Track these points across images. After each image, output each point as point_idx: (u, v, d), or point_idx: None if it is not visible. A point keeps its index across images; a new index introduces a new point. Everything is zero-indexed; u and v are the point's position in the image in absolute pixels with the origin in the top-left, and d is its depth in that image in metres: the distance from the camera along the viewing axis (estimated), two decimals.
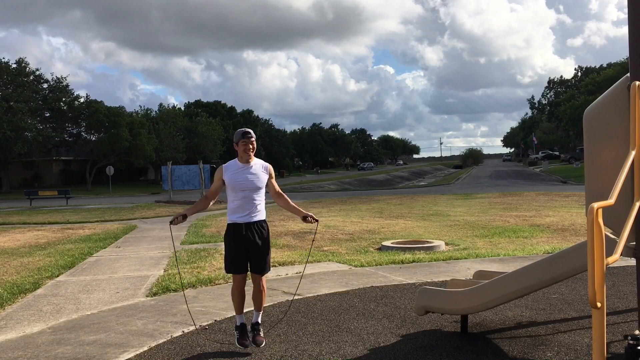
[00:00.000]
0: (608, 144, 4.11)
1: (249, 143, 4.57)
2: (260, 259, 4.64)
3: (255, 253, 4.62)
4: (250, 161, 4.65)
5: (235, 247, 4.61)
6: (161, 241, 12.45)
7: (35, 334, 5.40)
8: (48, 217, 20.33)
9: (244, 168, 4.62)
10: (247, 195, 4.59)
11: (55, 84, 50.88)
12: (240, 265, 4.63)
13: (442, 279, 7.12)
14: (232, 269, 4.67)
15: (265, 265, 4.69)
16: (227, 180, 4.62)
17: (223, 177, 4.64)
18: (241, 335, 4.70)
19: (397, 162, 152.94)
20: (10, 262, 9.90)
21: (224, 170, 4.68)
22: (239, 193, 4.59)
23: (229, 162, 4.74)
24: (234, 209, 4.63)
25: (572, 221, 13.43)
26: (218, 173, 4.69)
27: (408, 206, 20.30)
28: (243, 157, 4.62)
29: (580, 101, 58.26)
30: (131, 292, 7.21)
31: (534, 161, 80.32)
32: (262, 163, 4.74)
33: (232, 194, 4.63)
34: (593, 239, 2.68)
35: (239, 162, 4.66)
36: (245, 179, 4.59)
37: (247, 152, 4.59)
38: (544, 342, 4.65)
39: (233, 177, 4.60)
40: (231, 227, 4.65)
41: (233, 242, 4.62)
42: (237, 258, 4.62)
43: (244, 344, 4.64)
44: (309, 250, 6.89)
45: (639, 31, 4.01)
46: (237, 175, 4.60)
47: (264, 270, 4.69)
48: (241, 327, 4.74)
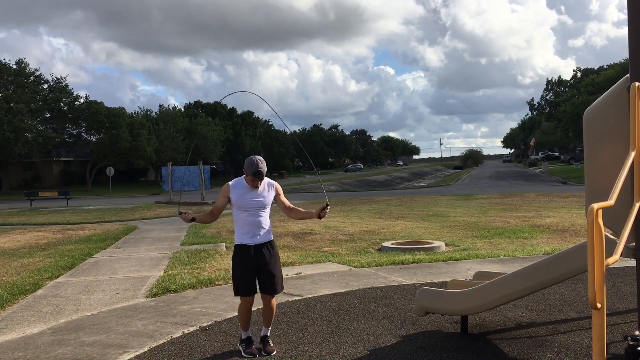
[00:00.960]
0: (608, 144, 4.11)
1: (258, 181, 4.51)
2: (271, 280, 4.56)
3: (266, 274, 4.54)
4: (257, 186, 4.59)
5: (245, 268, 4.52)
6: (161, 242, 12.45)
7: (35, 335, 5.40)
8: (48, 218, 20.33)
9: (252, 189, 4.56)
10: (254, 213, 4.53)
11: (55, 85, 50.89)
12: (250, 287, 4.55)
13: (442, 280, 7.11)
14: (241, 291, 4.57)
15: (276, 286, 4.60)
16: (233, 198, 4.55)
17: (230, 195, 4.57)
18: (248, 346, 4.65)
19: (397, 162, 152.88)
20: (10, 263, 9.90)
21: (230, 188, 4.59)
22: (245, 212, 4.53)
23: (235, 180, 4.65)
24: (242, 230, 4.56)
25: (572, 222, 13.42)
26: (224, 190, 4.60)
27: (408, 207, 20.30)
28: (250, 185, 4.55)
29: (580, 101, 58.25)
30: (131, 292, 7.21)
31: (534, 162, 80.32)
32: (268, 181, 4.65)
33: (239, 213, 4.57)
34: (593, 239, 2.68)
35: (246, 183, 4.57)
36: (252, 199, 4.53)
37: (254, 183, 4.51)
38: (544, 342, 4.65)
39: (240, 197, 4.53)
40: (239, 248, 4.57)
41: (242, 264, 4.54)
42: (246, 280, 4.53)
43: (251, 353, 4.58)
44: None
45: (639, 31, 4.01)
46: (244, 195, 4.53)
47: (275, 291, 4.61)
48: (247, 340, 4.70)
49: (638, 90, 3.80)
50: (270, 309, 4.66)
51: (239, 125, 69.50)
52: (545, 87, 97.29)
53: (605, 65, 76.74)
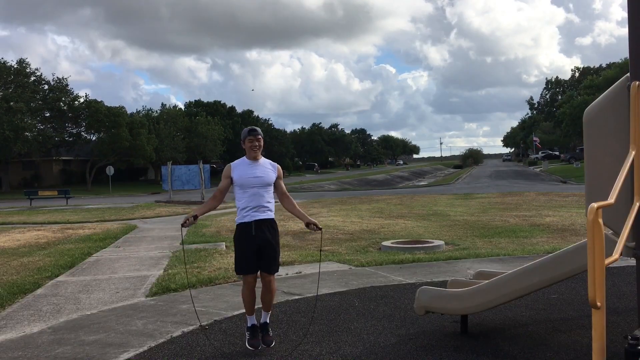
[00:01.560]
0: (608, 144, 4.11)
1: (255, 140, 4.54)
2: (271, 258, 4.57)
3: (266, 252, 4.54)
4: (258, 159, 4.62)
5: (246, 247, 4.53)
6: (161, 241, 12.44)
7: (35, 334, 5.40)
8: (48, 217, 20.32)
9: (252, 165, 4.57)
10: (255, 192, 4.52)
11: (55, 84, 50.88)
12: (251, 265, 4.55)
13: (442, 279, 7.11)
14: (243, 269, 4.58)
15: (276, 265, 4.63)
16: (235, 177, 4.55)
17: (231, 174, 4.58)
18: (252, 336, 4.65)
19: (397, 162, 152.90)
20: (10, 262, 9.90)
21: (232, 168, 4.62)
22: (247, 190, 4.52)
23: (236, 161, 4.69)
24: (243, 207, 4.55)
25: (572, 221, 13.42)
26: (226, 171, 4.63)
27: (408, 206, 20.29)
28: (250, 155, 4.59)
29: (579, 101, 58.22)
30: (131, 292, 7.21)
31: (534, 161, 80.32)
32: (270, 162, 4.70)
33: (241, 191, 4.56)
34: (593, 239, 2.67)
35: (246, 159, 4.62)
36: (254, 175, 4.53)
37: (253, 150, 4.55)
38: (544, 342, 4.65)
39: (241, 174, 4.54)
40: (240, 227, 4.57)
41: (243, 242, 4.54)
42: (247, 258, 4.53)
43: (254, 344, 4.59)
44: (320, 257, 6.84)
45: (638, 31, 4.01)
46: (246, 172, 4.54)
47: (275, 270, 4.63)
48: (252, 328, 4.69)
49: (638, 89, 3.79)
50: (270, 291, 4.65)
51: (239, 124, 69.47)
52: (545, 87, 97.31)
53: (604, 65, 76.75)
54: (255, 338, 4.64)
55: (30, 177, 53.99)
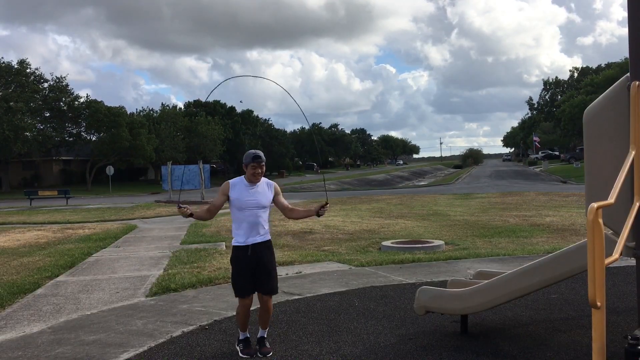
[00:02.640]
0: (608, 143, 4.11)
1: (258, 167, 4.49)
2: (268, 280, 4.55)
3: (263, 274, 4.53)
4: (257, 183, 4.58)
5: (243, 270, 4.50)
6: (161, 241, 12.44)
7: (35, 334, 5.40)
8: (48, 217, 20.32)
9: (250, 187, 4.55)
10: (252, 213, 4.51)
11: (55, 84, 50.87)
12: (249, 288, 4.54)
13: (442, 279, 7.11)
14: (240, 293, 4.55)
15: (273, 287, 4.59)
16: (233, 198, 4.54)
17: (229, 193, 4.56)
18: (245, 346, 4.62)
19: (397, 162, 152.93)
20: (10, 262, 9.90)
21: (230, 186, 4.58)
22: (244, 211, 4.51)
23: (235, 179, 4.64)
24: (240, 229, 4.54)
25: (572, 221, 13.42)
26: (224, 188, 4.59)
27: (408, 206, 20.29)
28: (251, 180, 4.55)
29: (579, 100, 58.20)
30: (131, 292, 7.21)
31: (534, 161, 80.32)
32: (266, 181, 4.65)
33: (237, 212, 4.55)
34: (593, 239, 2.67)
35: (245, 180, 4.58)
36: (252, 197, 4.51)
37: (255, 177, 4.51)
38: (544, 341, 4.65)
39: (239, 196, 4.52)
40: (237, 249, 4.56)
41: (240, 265, 4.52)
42: (244, 281, 4.51)
43: (249, 353, 4.56)
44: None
45: (639, 31, 4.01)
46: (244, 194, 4.52)
47: (272, 292, 4.59)
48: (245, 340, 4.67)
49: (638, 89, 3.79)
50: (267, 310, 4.62)
51: (239, 124, 69.43)
52: (544, 87, 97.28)
53: (603, 64, 76.71)
54: (248, 348, 4.60)
55: (30, 177, 53.98)
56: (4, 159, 46.56)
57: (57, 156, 55.39)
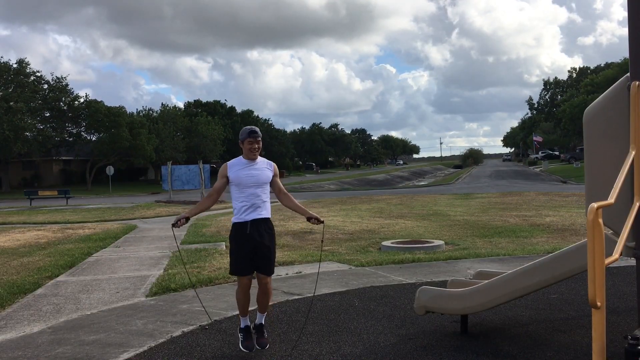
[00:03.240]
0: (608, 143, 4.11)
1: (255, 142, 4.49)
2: (267, 259, 4.53)
3: (262, 253, 4.50)
4: (255, 159, 4.58)
5: (241, 247, 4.48)
6: (161, 241, 12.44)
7: (35, 334, 5.40)
8: (48, 217, 20.32)
9: (249, 164, 4.54)
10: (252, 192, 4.49)
11: (55, 84, 50.88)
12: (247, 266, 4.50)
13: (442, 279, 7.11)
14: (238, 270, 4.51)
15: (272, 266, 4.58)
16: (232, 176, 4.51)
17: (228, 174, 4.54)
18: (246, 337, 4.59)
19: (397, 162, 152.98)
20: (10, 262, 9.90)
21: (228, 167, 4.57)
22: (244, 190, 4.49)
23: (232, 160, 4.65)
24: (239, 207, 4.52)
25: (572, 221, 13.42)
26: (222, 170, 4.59)
27: (408, 206, 20.29)
28: (248, 156, 4.54)
29: (579, 100, 58.20)
30: (131, 292, 7.21)
31: (534, 161, 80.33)
32: (266, 161, 4.67)
33: (237, 191, 4.53)
34: (593, 239, 2.68)
35: (243, 158, 4.58)
36: (251, 174, 4.50)
37: (252, 152, 4.51)
38: (544, 341, 4.65)
39: (238, 173, 4.50)
40: (236, 226, 4.53)
41: (239, 242, 4.50)
42: (243, 259, 4.47)
43: (248, 346, 4.53)
44: (320, 255, 6.83)
45: (638, 31, 4.01)
46: (242, 171, 4.51)
47: (271, 271, 4.57)
48: (246, 329, 4.63)
49: (638, 89, 3.79)
50: (266, 292, 4.57)
51: (239, 124, 69.47)
52: (543, 88, 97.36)
53: (602, 64, 76.71)
54: (248, 340, 4.57)
55: (30, 177, 54.00)
56: (4, 159, 46.58)
57: (57, 156, 55.41)
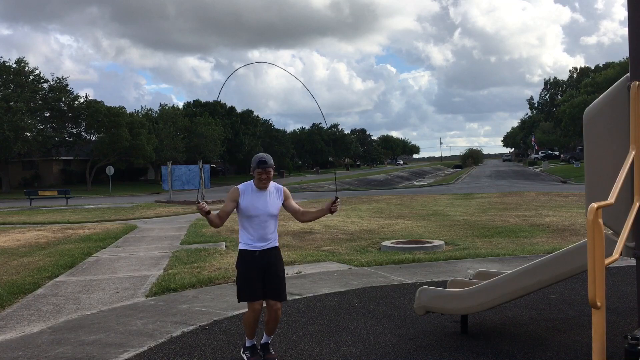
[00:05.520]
0: (608, 143, 4.11)
1: (264, 173, 4.33)
2: (278, 284, 4.41)
3: (272, 277, 4.37)
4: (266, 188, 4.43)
5: (251, 272, 4.33)
6: (161, 241, 12.44)
7: (35, 334, 5.40)
8: (48, 217, 20.32)
9: (260, 193, 4.40)
10: (261, 220, 4.37)
11: (55, 84, 50.88)
12: (257, 291, 4.32)
13: (442, 279, 7.11)
14: (248, 296, 4.32)
15: (283, 292, 4.44)
16: (242, 205, 4.36)
17: (239, 200, 4.37)
18: (252, 354, 4.47)
19: (397, 162, 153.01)
20: (10, 262, 9.90)
21: (240, 193, 4.39)
22: (253, 219, 4.37)
23: (244, 185, 4.47)
24: (248, 236, 4.39)
25: (572, 221, 13.42)
26: (233, 194, 4.40)
27: (408, 206, 20.29)
28: (259, 185, 4.40)
29: (579, 100, 58.21)
30: (131, 292, 7.21)
31: (534, 161, 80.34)
32: (275, 187, 4.50)
33: (246, 220, 4.39)
34: (593, 239, 2.68)
35: (254, 186, 4.42)
36: (262, 205, 4.36)
37: (262, 182, 4.37)
38: (544, 341, 4.65)
39: (248, 203, 4.35)
40: (245, 253, 4.39)
41: (248, 267, 4.34)
42: (253, 283, 4.31)
43: None
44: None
45: (639, 31, 4.01)
46: (253, 201, 4.36)
47: (283, 297, 4.44)
48: (252, 348, 4.50)
49: (638, 89, 3.79)
50: (275, 318, 4.42)
51: (238, 124, 69.44)
52: (544, 87, 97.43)
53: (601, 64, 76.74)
54: (255, 355, 4.46)
55: (30, 177, 54.00)
56: (4, 159, 46.56)
57: (57, 156, 55.41)
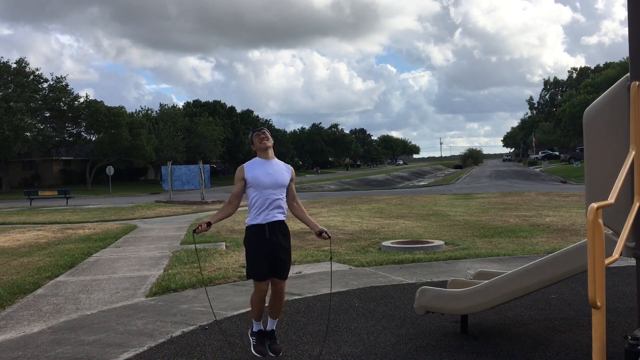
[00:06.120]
0: (608, 143, 4.11)
1: (261, 133, 4.34)
2: (285, 263, 4.36)
3: (280, 256, 4.30)
4: (270, 156, 4.39)
5: (260, 251, 4.25)
6: (161, 241, 12.44)
7: (35, 334, 5.40)
8: (48, 217, 20.32)
9: (266, 164, 4.35)
10: (270, 193, 4.29)
11: (55, 84, 50.89)
12: (266, 270, 4.26)
13: (442, 279, 7.11)
14: (257, 275, 4.26)
15: (288, 270, 4.43)
16: (249, 177, 4.28)
17: (245, 176, 4.30)
18: (259, 342, 4.43)
19: (397, 162, 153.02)
20: (10, 262, 9.90)
21: (245, 169, 4.34)
22: (261, 191, 4.28)
23: (248, 162, 4.41)
24: (256, 208, 4.30)
25: (572, 221, 13.42)
26: (239, 173, 4.35)
27: (408, 206, 20.29)
28: (261, 150, 4.35)
29: (579, 100, 58.20)
30: (131, 292, 7.21)
31: (534, 161, 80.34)
32: (284, 163, 4.49)
33: (254, 192, 4.29)
34: (593, 239, 2.67)
35: (259, 159, 4.39)
36: (269, 174, 4.29)
37: (263, 142, 4.32)
38: (544, 341, 4.65)
39: (255, 174, 4.28)
40: (253, 229, 4.30)
41: (257, 247, 4.27)
42: (262, 263, 4.24)
43: (261, 351, 4.38)
44: (330, 268, 6.87)
45: (638, 31, 4.01)
46: (260, 171, 4.30)
47: (287, 275, 4.41)
48: (259, 333, 4.45)
49: (638, 89, 3.79)
50: (281, 297, 4.42)
51: (238, 124, 69.46)
52: (544, 87, 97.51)
53: (601, 64, 76.76)
54: (261, 345, 4.42)
55: (30, 177, 54.03)
56: (4, 159, 46.58)
57: (57, 156, 55.44)
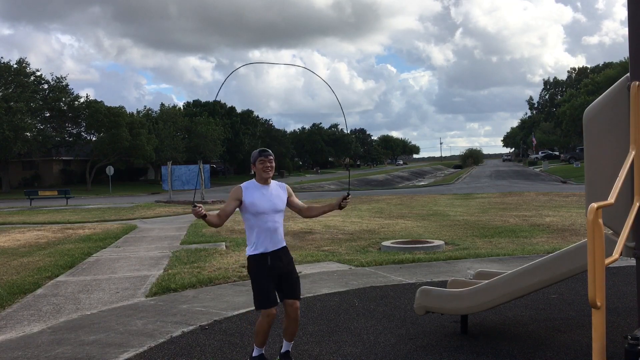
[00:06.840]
0: (608, 144, 4.11)
1: (267, 161, 4.20)
2: (294, 281, 4.24)
3: (288, 279, 4.21)
4: (269, 181, 4.27)
5: (266, 278, 4.13)
6: (161, 241, 12.44)
7: (35, 334, 5.40)
8: (48, 217, 20.32)
9: (264, 189, 4.20)
10: (270, 218, 4.17)
11: (55, 84, 50.89)
12: (273, 298, 4.14)
13: (442, 279, 7.11)
14: (266, 303, 4.09)
15: (299, 289, 4.31)
16: (247, 202, 4.14)
17: (242, 197, 4.15)
18: None
19: (397, 162, 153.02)
20: (10, 262, 9.90)
21: (243, 190, 4.18)
22: (261, 217, 4.15)
23: (246, 183, 4.25)
24: (256, 237, 4.18)
25: (572, 221, 13.42)
26: (236, 193, 4.18)
27: (408, 206, 20.29)
28: (262, 177, 4.22)
29: (580, 101, 58.20)
30: (131, 292, 7.21)
31: (534, 161, 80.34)
32: (277, 183, 4.37)
33: (253, 218, 4.17)
34: (593, 239, 2.67)
35: (257, 182, 4.25)
36: (267, 200, 4.17)
37: (266, 171, 4.19)
38: (544, 341, 4.65)
39: (253, 200, 4.14)
40: (256, 259, 4.17)
41: (263, 275, 4.14)
42: (269, 290, 4.12)
43: None
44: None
45: (639, 31, 4.01)
46: (259, 197, 4.16)
47: (300, 294, 4.28)
48: (260, 357, 4.30)
49: (638, 89, 3.79)
50: (296, 318, 4.23)
51: (238, 124, 69.43)
52: (543, 87, 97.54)
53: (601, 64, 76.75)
54: None
55: (30, 177, 54.01)
56: (4, 159, 46.57)
57: (57, 156, 55.42)
